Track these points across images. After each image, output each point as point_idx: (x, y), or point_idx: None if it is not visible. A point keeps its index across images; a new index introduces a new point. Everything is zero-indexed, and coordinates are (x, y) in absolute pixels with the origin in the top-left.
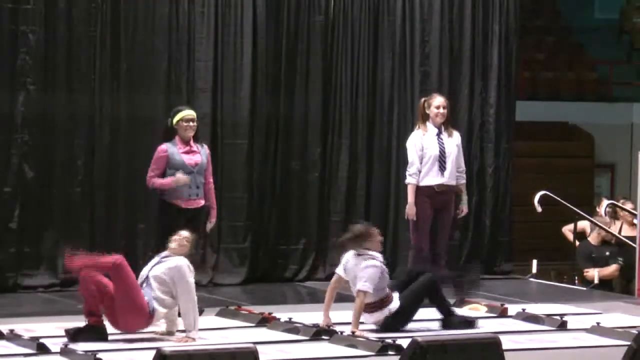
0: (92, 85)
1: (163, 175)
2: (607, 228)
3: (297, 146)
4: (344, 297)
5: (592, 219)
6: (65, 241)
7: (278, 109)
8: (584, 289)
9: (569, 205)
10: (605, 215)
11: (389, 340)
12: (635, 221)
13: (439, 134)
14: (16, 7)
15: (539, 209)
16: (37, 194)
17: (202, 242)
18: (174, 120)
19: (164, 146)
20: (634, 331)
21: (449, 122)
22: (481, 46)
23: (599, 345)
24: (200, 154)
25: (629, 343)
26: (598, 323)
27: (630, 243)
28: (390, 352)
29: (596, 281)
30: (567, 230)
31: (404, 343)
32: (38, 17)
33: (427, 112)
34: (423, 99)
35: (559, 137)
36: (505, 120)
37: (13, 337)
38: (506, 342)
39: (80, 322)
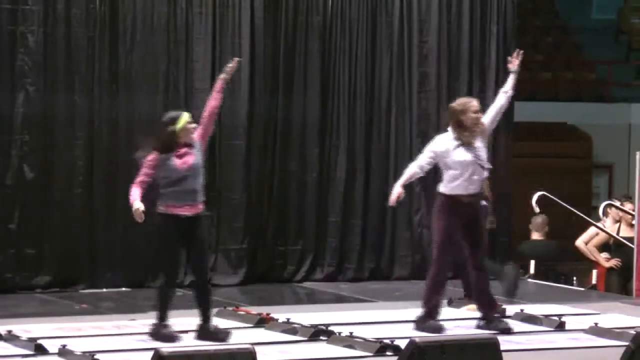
0: (91, 86)
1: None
2: (606, 229)
3: (295, 147)
4: (342, 297)
5: (590, 219)
6: (65, 242)
7: (276, 109)
8: (582, 289)
9: (567, 205)
10: (603, 215)
11: (387, 341)
12: (633, 222)
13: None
14: (15, 8)
15: (537, 210)
16: (37, 194)
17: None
18: (179, 127)
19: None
20: (632, 332)
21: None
22: (479, 47)
23: (597, 346)
24: (194, 153)
25: (626, 343)
26: (596, 323)
27: (629, 244)
28: (388, 353)
29: (594, 282)
30: (582, 243)
31: (402, 344)
32: (37, 18)
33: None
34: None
35: (557, 138)
36: (503, 121)
37: (11, 337)
38: (504, 342)
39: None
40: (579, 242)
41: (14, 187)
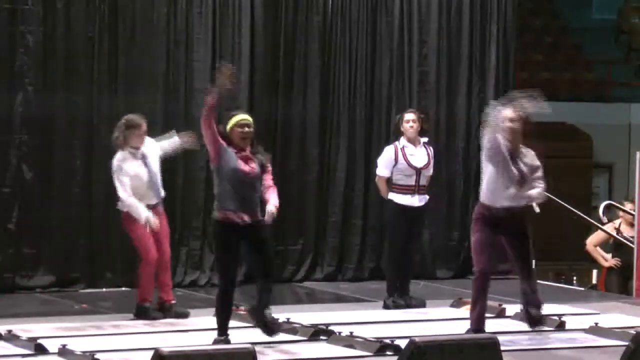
0: (90, 86)
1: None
2: (605, 229)
3: (295, 147)
4: (342, 297)
5: (590, 219)
6: (64, 242)
7: (276, 109)
8: (582, 289)
9: (567, 205)
10: (603, 215)
11: (387, 341)
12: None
13: None
14: (14, 8)
15: (537, 210)
16: (36, 194)
17: None
18: (228, 127)
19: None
20: (632, 331)
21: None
22: (479, 46)
23: (597, 346)
24: (256, 162)
25: (626, 343)
26: (596, 323)
27: (629, 243)
28: (388, 353)
29: (594, 281)
30: (591, 245)
31: (402, 343)
32: (36, 18)
33: None
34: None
35: (557, 138)
36: None
37: (11, 337)
38: (504, 342)
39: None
40: (589, 245)
41: (13, 186)
